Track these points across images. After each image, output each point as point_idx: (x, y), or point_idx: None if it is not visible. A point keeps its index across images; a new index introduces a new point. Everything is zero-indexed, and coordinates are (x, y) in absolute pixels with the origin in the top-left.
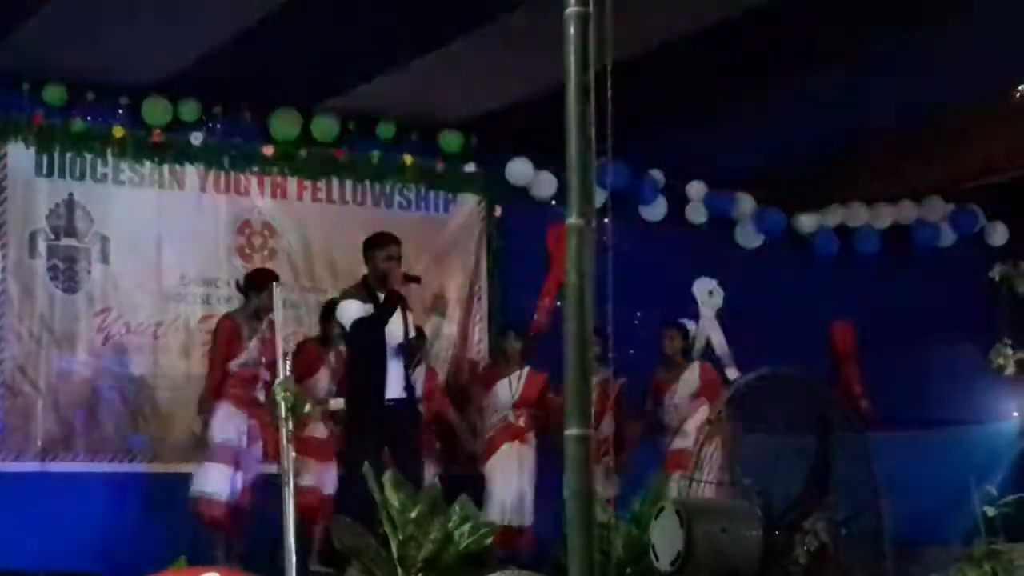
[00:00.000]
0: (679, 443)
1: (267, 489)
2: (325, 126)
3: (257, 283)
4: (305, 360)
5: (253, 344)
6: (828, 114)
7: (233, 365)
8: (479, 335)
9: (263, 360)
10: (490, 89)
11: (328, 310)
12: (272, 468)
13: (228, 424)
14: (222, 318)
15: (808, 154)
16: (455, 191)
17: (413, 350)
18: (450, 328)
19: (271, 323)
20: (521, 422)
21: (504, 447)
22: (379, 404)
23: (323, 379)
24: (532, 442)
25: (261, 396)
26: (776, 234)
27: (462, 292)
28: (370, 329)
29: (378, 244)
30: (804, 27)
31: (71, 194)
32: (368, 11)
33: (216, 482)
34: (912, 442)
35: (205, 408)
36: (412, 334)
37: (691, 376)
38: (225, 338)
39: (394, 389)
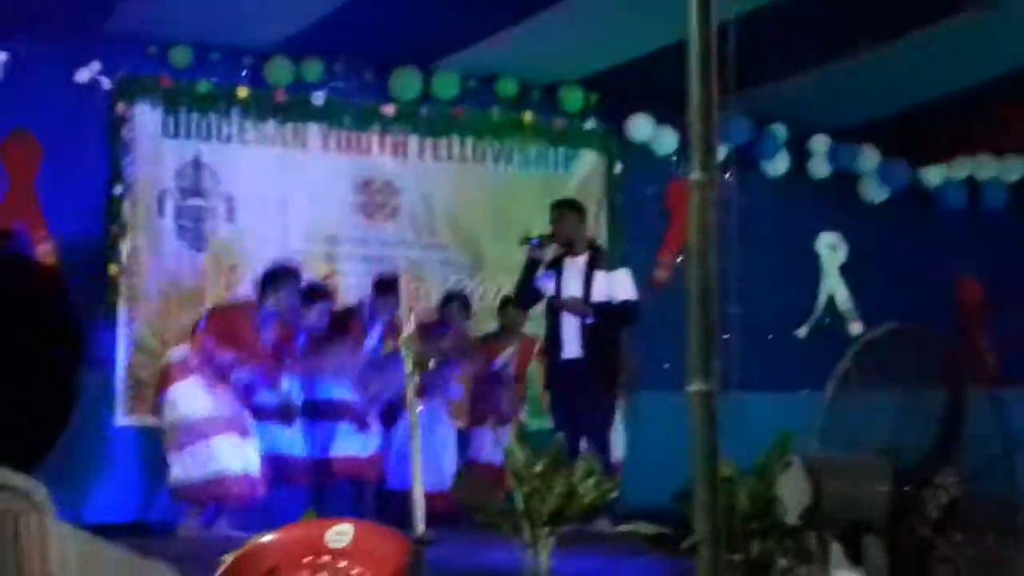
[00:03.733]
0: None
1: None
2: (445, 84)
3: (273, 282)
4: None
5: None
6: (956, 61)
7: (231, 359)
8: None
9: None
10: (611, 45)
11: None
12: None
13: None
14: (241, 304)
15: (935, 104)
16: (575, 148)
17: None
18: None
19: (286, 323)
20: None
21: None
22: (558, 363)
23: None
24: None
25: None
26: (901, 188)
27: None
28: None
29: (566, 207)
30: None
31: (197, 154)
32: None
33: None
34: None
35: None
36: (578, 294)
37: None
38: (242, 331)
39: (570, 349)
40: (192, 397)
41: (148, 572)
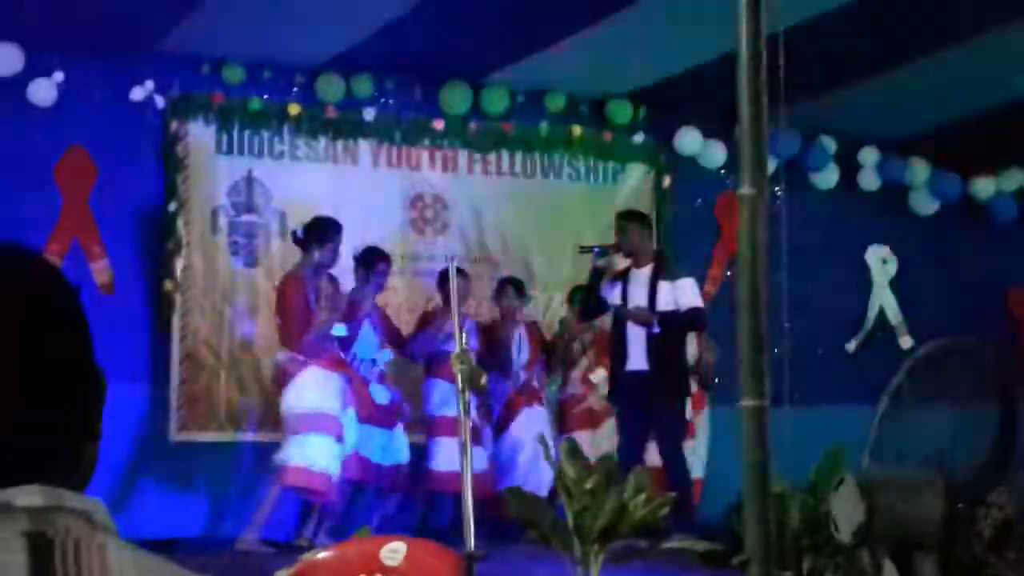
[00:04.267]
0: None
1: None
2: (494, 99)
3: (318, 235)
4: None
5: (323, 302)
6: (1005, 71)
7: (314, 325)
8: None
9: (333, 317)
10: (659, 58)
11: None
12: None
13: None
14: (285, 277)
15: (985, 115)
16: (624, 162)
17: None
18: None
19: (332, 277)
20: (535, 383)
21: (525, 411)
22: (623, 375)
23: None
24: (544, 401)
25: (341, 354)
26: (952, 200)
27: None
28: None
29: (631, 217)
30: None
31: (250, 170)
32: None
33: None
34: None
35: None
36: (643, 304)
37: None
38: (298, 297)
39: (636, 360)
40: (297, 393)
41: None
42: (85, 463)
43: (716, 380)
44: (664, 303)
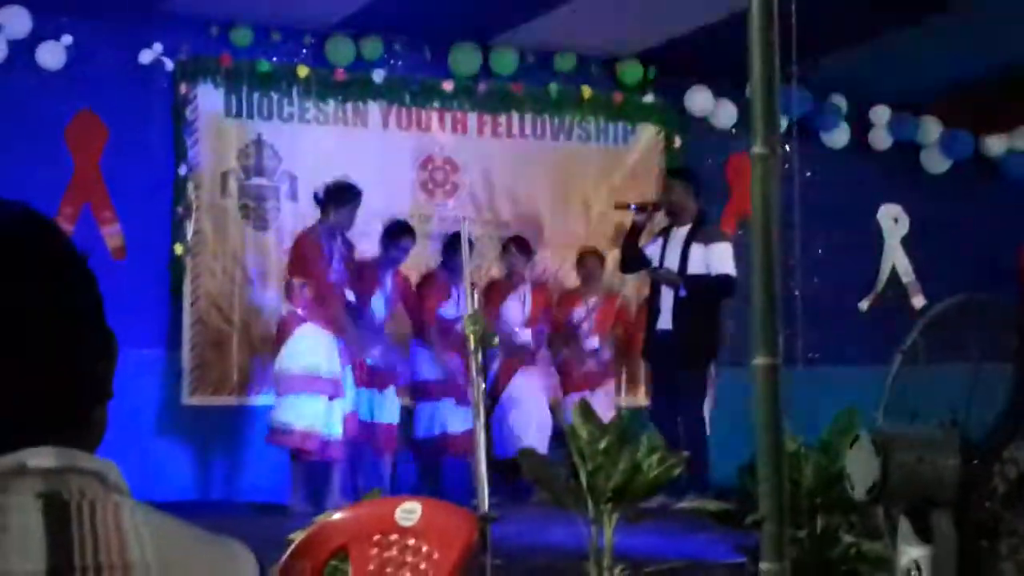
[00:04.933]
0: None
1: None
2: (504, 60)
3: (337, 197)
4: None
5: (336, 263)
6: (1018, 28)
7: (323, 284)
8: None
9: (345, 279)
10: (668, 18)
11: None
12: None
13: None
14: (301, 235)
15: (997, 72)
16: (634, 122)
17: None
18: None
19: (347, 241)
20: (532, 343)
21: (521, 372)
22: (652, 333)
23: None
24: (544, 363)
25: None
26: (964, 158)
27: None
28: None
29: (677, 176)
30: None
31: (259, 134)
32: None
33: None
34: None
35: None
36: (675, 265)
37: None
38: (312, 255)
39: (664, 320)
40: (292, 349)
41: (223, 550)
42: (95, 426)
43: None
44: (695, 266)
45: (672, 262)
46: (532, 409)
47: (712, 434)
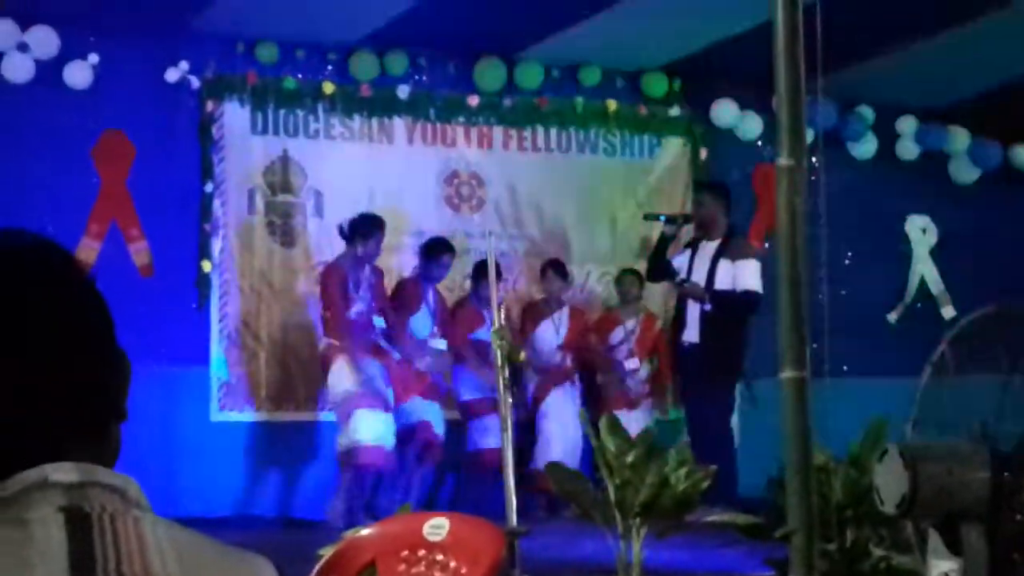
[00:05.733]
0: None
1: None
2: (529, 74)
3: (363, 231)
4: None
5: (363, 292)
6: None
7: (351, 314)
8: None
9: (374, 306)
10: (693, 30)
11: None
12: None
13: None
14: (326, 269)
15: None
16: (660, 135)
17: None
18: None
19: (376, 269)
20: (568, 363)
21: (554, 392)
22: (680, 346)
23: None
24: (576, 384)
25: (381, 342)
26: (992, 168)
27: None
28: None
29: (709, 190)
30: None
31: (285, 150)
32: None
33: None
34: None
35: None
36: (702, 279)
37: None
38: (333, 289)
39: (690, 333)
40: (337, 377)
41: (247, 566)
42: (111, 443)
43: None
44: (722, 282)
45: (699, 276)
46: (567, 424)
47: (740, 446)
